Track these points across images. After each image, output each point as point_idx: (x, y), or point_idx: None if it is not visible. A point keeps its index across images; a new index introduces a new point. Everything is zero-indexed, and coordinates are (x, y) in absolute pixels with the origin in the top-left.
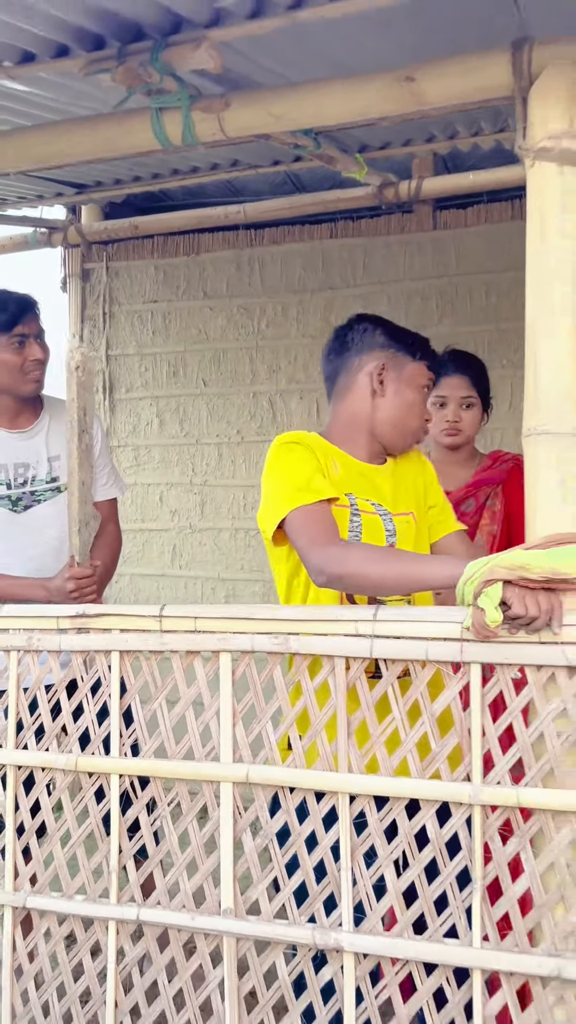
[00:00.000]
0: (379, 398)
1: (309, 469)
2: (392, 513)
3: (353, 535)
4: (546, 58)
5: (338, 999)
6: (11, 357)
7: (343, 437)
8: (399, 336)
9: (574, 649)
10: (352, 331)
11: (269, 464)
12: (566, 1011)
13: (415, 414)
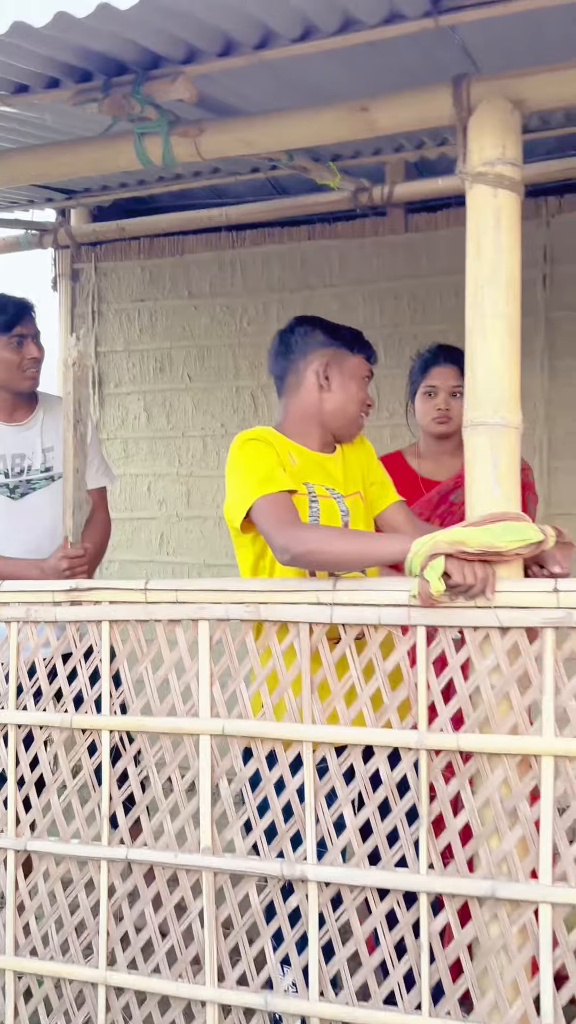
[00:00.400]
0: (326, 392)
1: (269, 463)
2: (344, 495)
3: (312, 519)
4: (482, 93)
5: (303, 923)
6: (10, 355)
7: (297, 431)
8: (337, 334)
9: (506, 612)
10: (295, 333)
11: (232, 460)
12: (499, 926)
13: (357, 401)
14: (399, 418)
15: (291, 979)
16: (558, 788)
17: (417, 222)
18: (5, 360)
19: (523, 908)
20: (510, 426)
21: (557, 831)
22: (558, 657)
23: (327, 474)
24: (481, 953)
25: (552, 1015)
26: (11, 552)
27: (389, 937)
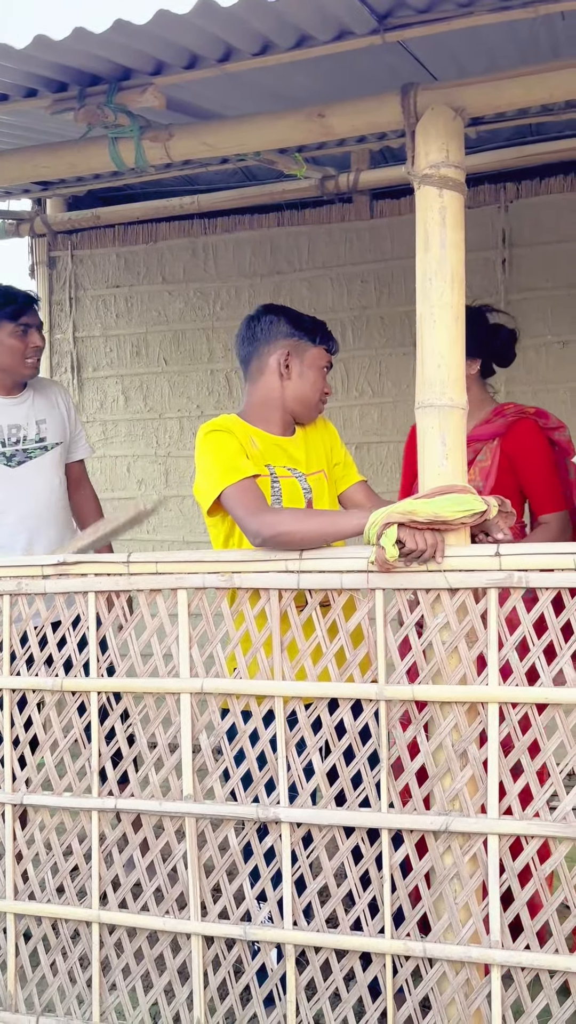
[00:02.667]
0: (286, 380)
1: (232, 451)
2: (306, 473)
3: (275, 498)
4: (427, 101)
5: (278, 861)
6: (16, 343)
7: (258, 416)
8: (301, 324)
9: (454, 575)
10: (260, 322)
11: (199, 449)
12: (452, 857)
13: (316, 390)
14: (368, 397)
15: (267, 912)
16: (502, 732)
17: (382, 208)
18: (10, 347)
19: (473, 840)
20: (456, 407)
21: (503, 770)
22: (500, 614)
23: (288, 456)
24: (437, 881)
25: (499, 932)
26: (8, 517)
27: (355, 870)
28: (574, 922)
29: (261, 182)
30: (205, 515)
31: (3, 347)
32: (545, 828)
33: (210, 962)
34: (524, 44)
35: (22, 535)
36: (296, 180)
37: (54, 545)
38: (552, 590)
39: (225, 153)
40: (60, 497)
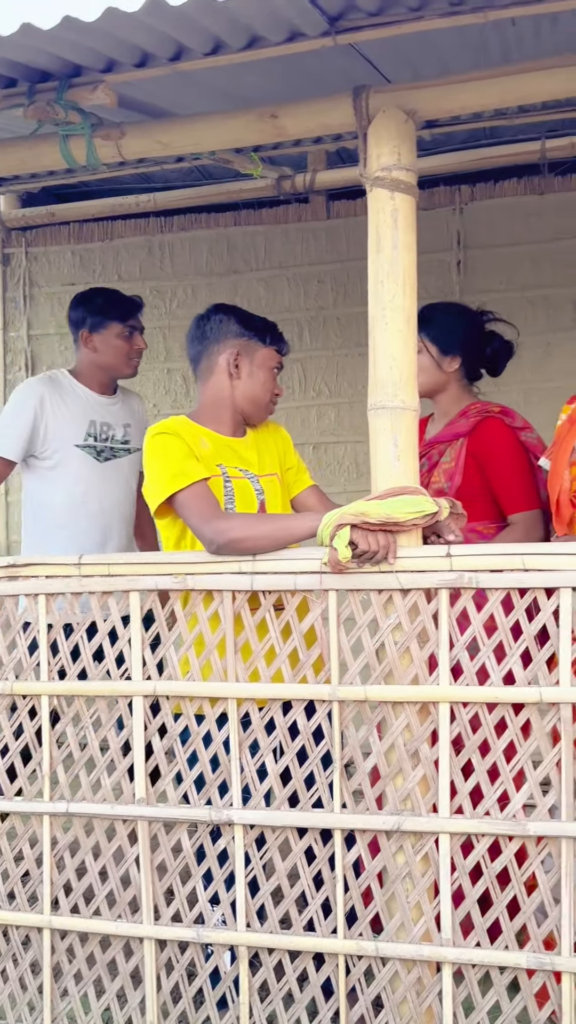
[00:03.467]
0: (236, 380)
1: (180, 455)
2: (258, 475)
3: (227, 498)
4: (379, 103)
5: (231, 863)
6: (122, 343)
7: (209, 417)
8: (251, 324)
9: (406, 576)
10: (209, 321)
11: (147, 453)
12: (404, 856)
13: (266, 390)
14: (325, 397)
15: (221, 914)
16: (453, 731)
17: (338, 208)
18: (116, 347)
19: (425, 839)
20: (408, 408)
21: (454, 769)
22: (451, 614)
23: (239, 457)
24: (389, 881)
25: (451, 930)
26: (88, 507)
27: (308, 871)
28: (524, 919)
29: (218, 181)
30: (155, 517)
31: (109, 346)
32: (495, 826)
33: (163, 966)
34: (475, 49)
35: (97, 529)
36: (253, 180)
37: (123, 545)
38: (501, 590)
39: (178, 152)
40: (133, 501)
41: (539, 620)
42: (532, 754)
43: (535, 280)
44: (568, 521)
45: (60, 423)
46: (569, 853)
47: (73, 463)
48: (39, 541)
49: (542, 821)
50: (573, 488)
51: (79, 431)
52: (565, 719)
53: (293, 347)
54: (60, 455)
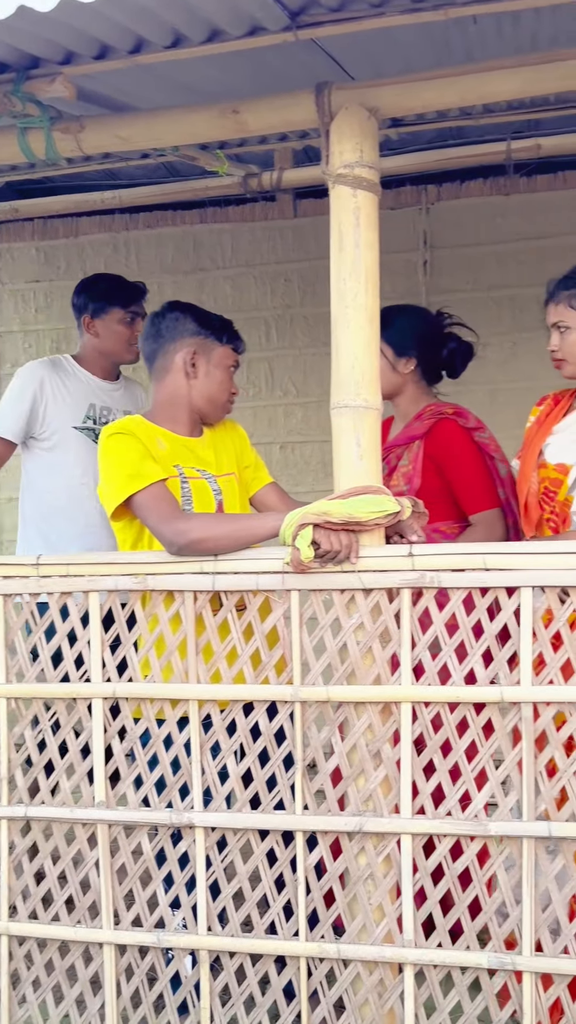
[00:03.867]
0: (193, 379)
1: (136, 456)
2: (216, 475)
3: (185, 499)
4: (341, 100)
5: (192, 866)
6: (123, 329)
7: (165, 416)
8: (207, 323)
9: (368, 575)
10: (164, 319)
11: (102, 454)
12: (366, 857)
13: (224, 390)
14: (292, 396)
15: (181, 918)
16: (415, 731)
17: (305, 207)
18: (118, 332)
19: (387, 840)
20: (371, 407)
21: (415, 769)
22: (413, 614)
23: (196, 457)
24: (351, 882)
25: (412, 931)
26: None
27: (269, 873)
28: (485, 919)
29: (184, 178)
30: (110, 519)
31: (111, 332)
32: (457, 827)
33: (123, 971)
34: (438, 47)
35: (96, 511)
36: (219, 177)
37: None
38: (463, 590)
39: (138, 147)
40: None
41: (500, 619)
42: (494, 753)
43: (501, 280)
44: (536, 522)
45: (59, 405)
46: (530, 853)
47: (72, 445)
48: (39, 523)
49: (503, 821)
50: (541, 489)
51: (78, 413)
52: (526, 718)
53: (260, 346)
54: (59, 436)
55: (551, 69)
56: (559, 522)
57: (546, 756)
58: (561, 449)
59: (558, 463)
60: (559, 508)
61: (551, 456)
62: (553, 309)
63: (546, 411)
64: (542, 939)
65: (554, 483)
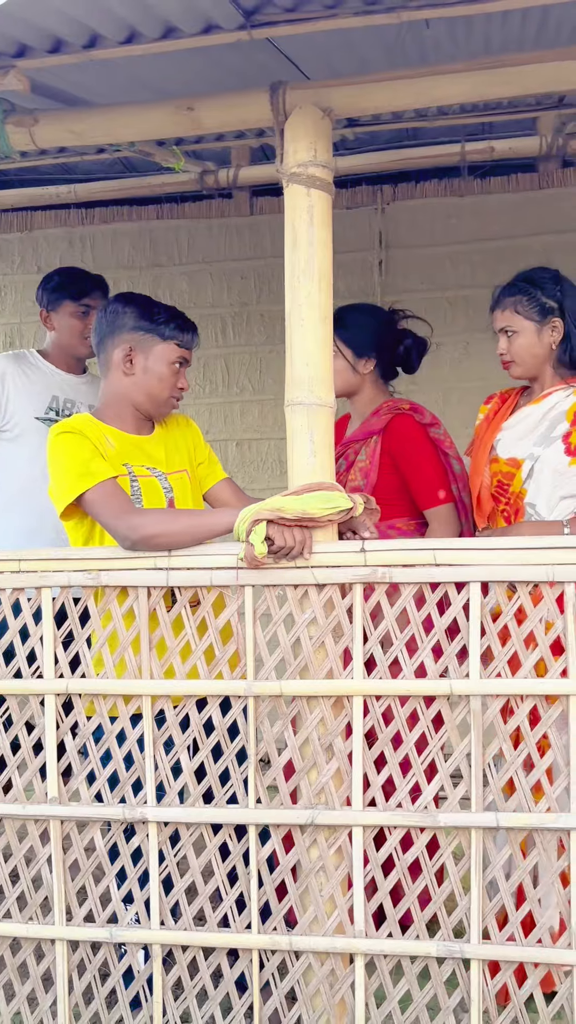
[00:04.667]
0: (130, 376)
1: (86, 454)
2: (166, 473)
3: (135, 497)
4: (296, 100)
5: (145, 861)
6: (76, 322)
7: (112, 414)
8: (149, 317)
9: (321, 571)
10: (106, 313)
11: (50, 452)
12: (318, 850)
13: (166, 387)
14: (249, 394)
15: (134, 913)
16: (366, 724)
17: (261, 205)
18: (70, 326)
19: (339, 832)
20: (324, 405)
21: (367, 762)
22: (365, 609)
23: (146, 454)
24: (303, 874)
25: (363, 922)
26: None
27: (222, 867)
28: (434, 908)
29: (141, 174)
30: (61, 519)
31: (64, 325)
32: (407, 818)
33: (75, 967)
34: (392, 51)
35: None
36: (175, 173)
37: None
38: (413, 585)
39: (92, 142)
40: None
41: (449, 614)
42: (443, 746)
43: (455, 281)
44: (488, 514)
45: (22, 396)
46: (478, 843)
47: (34, 436)
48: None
49: (452, 812)
50: (494, 483)
51: (40, 404)
52: (475, 711)
53: (216, 343)
54: (21, 427)
55: (500, 74)
56: (512, 513)
57: (494, 748)
58: (511, 444)
59: (509, 457)
60: (513, 500)
61: (503, 451)
62: (500, 315)
63: (494, 408)
64: (489, 927)
65: (506, 476)
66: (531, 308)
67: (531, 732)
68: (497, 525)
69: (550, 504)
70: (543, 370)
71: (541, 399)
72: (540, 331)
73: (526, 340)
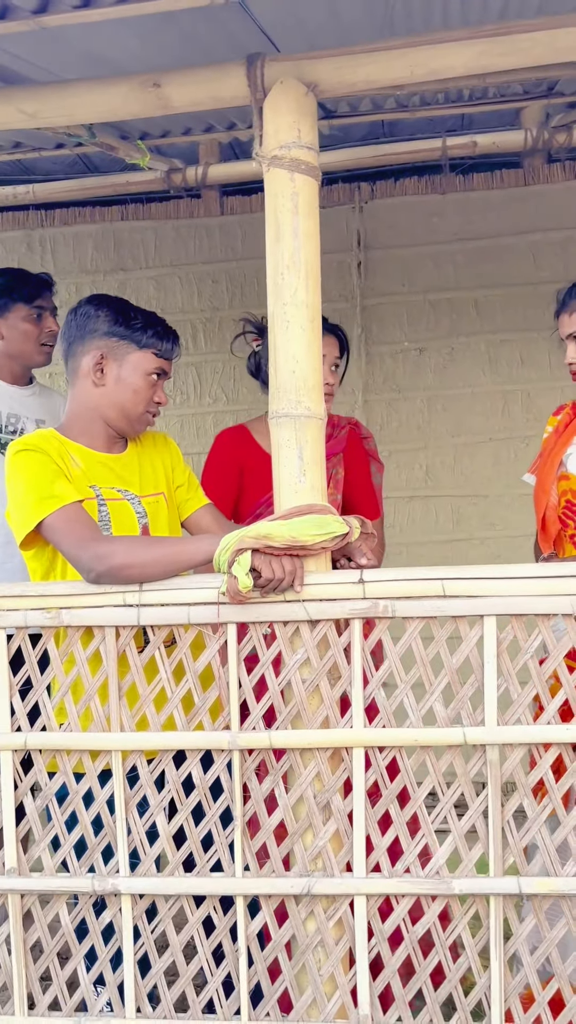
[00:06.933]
0: (100, 387)
1: (49, 475)
2: (140, 496)
3: (102, 523)
4: (276, 73)
5: (118, 938)
6: (30, 327)
7: (79, 430)
8: (124, 322)
9: (314, 605)
10: (76, 316)
11: (9, 473)
12: (316, 922)
13: (140, 400)
14: (223, 404)
15: (106, 998)
16: (369, 779)
17: (232, 204)
18: (25, 331)
19: (339, 902)
20: (314, 416)
21: (369, 822)
22: (365, 647)
23: (117, 476)
24: (299, 951)
25: (368, 1004)
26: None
27: (207, 944)
28: (450, 988)
29: (104, 173)
30: (20, 549)
31: (17, 331)
32: (417, 886)
33: None
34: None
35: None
36: (140, 171)
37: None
38: (420, 620)
39: (47, 123)
40: None
41: (462, 651)
42: (456, 802)
43: (438, 282)
44: (555, 538)
45: None
46: (498, 912)
47: None
48: None
49: (468, 878)
50: (563, 503)
51: None
52: (492, 762)
53: (187, 350)
54: None
55: (507, 42)
56: None
57: (514, 804)
58: None
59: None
60: None
61: (574, 466)
62: (567, 319)
63: (565, 420)
64: (512, 1008)
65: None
66: None
67: (556, 785)
68: (564, 551)
69: None
70: None
71: None
72: None
73: None
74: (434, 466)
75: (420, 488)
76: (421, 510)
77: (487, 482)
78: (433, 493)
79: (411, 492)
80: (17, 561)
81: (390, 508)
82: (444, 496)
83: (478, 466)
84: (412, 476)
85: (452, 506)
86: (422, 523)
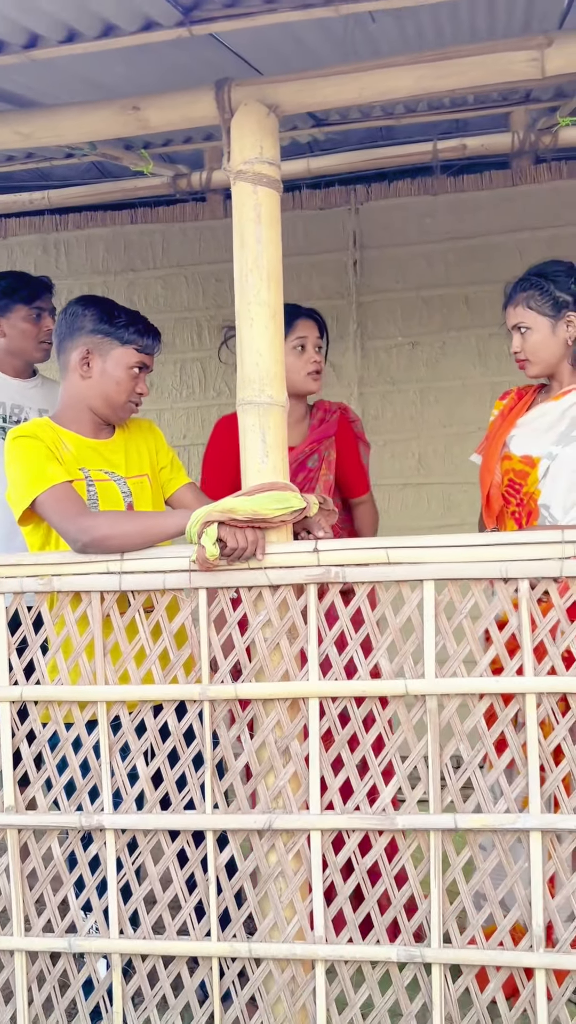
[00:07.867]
0: (87, 380)
1: (41, 458)
2: (126, 477)
3: (91, 502)
4: (241, 96)
5: (103, 869)
6: (29, 327)
7: (70, 418)
8: (108, 320)
9: (275, 572)
10: (66, 315)
11: (7, 457)
12: (276, 855)
13: (123, 391)
14: (226, 397)
15: (93, 922)
16: (323, 726)
17: None
18: (24, 330)
19: (297, 836)
20: (275, 404)
21: (324, 765)
22: (319, 609)
23: (104, 459)
24: (262, 880)
25: (323, 928)
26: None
27: (181, 874)
28: (394, 913)
29: (115, 178)
30: (19, 524)
31: (17, 330)
32: (365, 821)
33: (35, 978)
34: (342, 46)
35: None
36: (148, 177)
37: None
38: (367, 584)
39: (41, 143)
40: None
41: (404, 613)
42: (400, 747)
43: (430, 280)
44: (497, 513)
45: None
46: (438, 845)
47: None
48: None
49: (411, 815)
50: (505, 481)
51: None
52: (431, 710)
53: (192, 347)
54: None
55: (443, 67)
56: (524, 515)
57: (451, 748)
58: (527, 441)
59: (524, 455)
60: (525, 500)
61: (516, 448)
62: (512, 312)
63: (510, 405)
64: (450, 931)
65: (519, 475)
66: (544, 303)
67: (487, 732)
68: (506, 525)
69: (565, 506)
70: (560, 367)
71: (561, 396)
72: (555, 326)
73: (540, 336)
74: (426, 455)
75: (413, 476)
76: (413, 497)
77: (477, 470)
78: (425, 481)
79: (404, 480)
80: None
81: (384, 495)
82: (435, 483)
83: (468, 455)
84: (405, 464)
85: (443, 493)
86: (414, 509)
